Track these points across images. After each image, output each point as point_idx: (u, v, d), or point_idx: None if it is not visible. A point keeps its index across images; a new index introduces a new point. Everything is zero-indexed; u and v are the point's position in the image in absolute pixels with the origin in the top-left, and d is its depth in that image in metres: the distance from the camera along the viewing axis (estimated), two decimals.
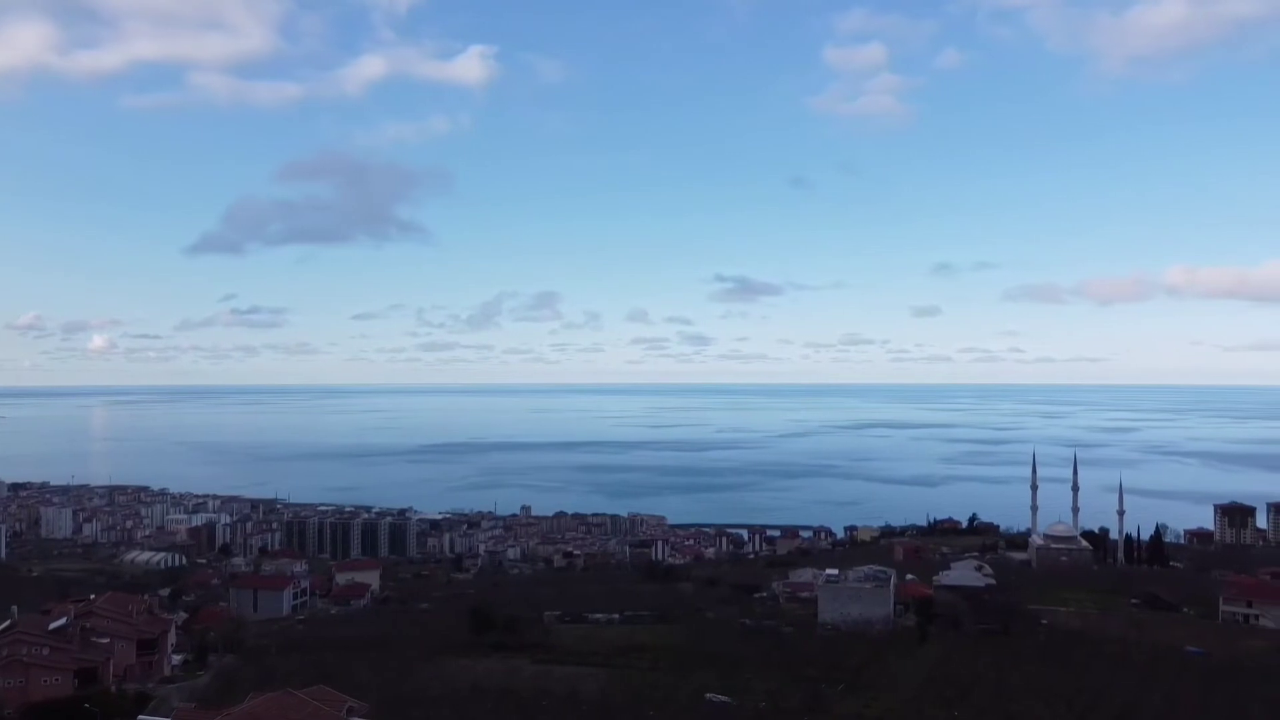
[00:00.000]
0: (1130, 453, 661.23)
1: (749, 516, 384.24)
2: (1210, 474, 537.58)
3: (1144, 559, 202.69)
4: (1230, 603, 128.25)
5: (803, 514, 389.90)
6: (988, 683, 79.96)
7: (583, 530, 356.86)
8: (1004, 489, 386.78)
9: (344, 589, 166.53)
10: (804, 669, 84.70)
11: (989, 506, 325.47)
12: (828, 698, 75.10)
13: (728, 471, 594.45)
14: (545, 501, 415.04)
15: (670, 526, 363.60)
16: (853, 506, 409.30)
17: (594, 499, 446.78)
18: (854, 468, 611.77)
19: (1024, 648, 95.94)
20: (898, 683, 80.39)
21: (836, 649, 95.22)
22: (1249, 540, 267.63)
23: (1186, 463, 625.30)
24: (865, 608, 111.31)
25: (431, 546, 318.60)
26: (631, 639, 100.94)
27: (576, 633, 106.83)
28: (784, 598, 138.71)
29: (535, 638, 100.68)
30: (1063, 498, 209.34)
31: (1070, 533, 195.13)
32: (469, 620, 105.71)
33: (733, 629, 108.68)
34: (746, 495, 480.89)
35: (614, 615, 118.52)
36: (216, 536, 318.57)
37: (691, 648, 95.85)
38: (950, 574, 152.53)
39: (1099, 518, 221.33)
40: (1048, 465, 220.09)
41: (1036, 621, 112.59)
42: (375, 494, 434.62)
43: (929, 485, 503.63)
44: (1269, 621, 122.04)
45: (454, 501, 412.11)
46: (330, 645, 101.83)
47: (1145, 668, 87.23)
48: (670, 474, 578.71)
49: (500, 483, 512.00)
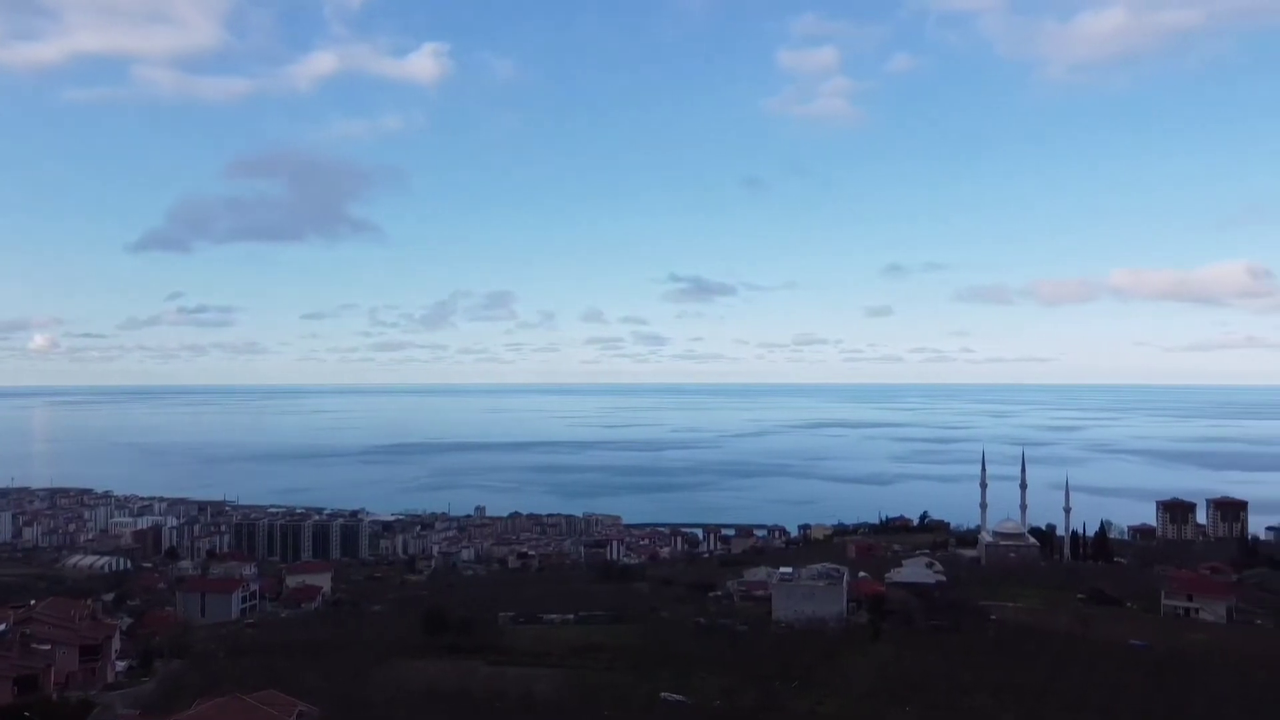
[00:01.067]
0: (1076, 451, 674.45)
1: (704, 516, 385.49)
2: (1152, 471, 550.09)
3: (1089, 555, 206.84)
4: (1171, 597, 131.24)
5: (757, 513, 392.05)
6: (939, 678, 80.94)
7: (538, 531, 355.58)
8: (954, 487, 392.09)
9: (295, 592, 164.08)
10: (758, 667, 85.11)
11: (940, 504, 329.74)
12: (782, 696, 75.53)
13: (683, 471, 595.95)
14: (500, 502, 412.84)
15: (625, 526, 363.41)
16: (807, 505, 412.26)
17: (549, 499, 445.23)
18: (808, 467, 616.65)
19: (974, 643, 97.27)
20: (851, 680, 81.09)
21: (790, 647, 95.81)
22: (1189, 536, 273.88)
23: (1130, 460, 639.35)
24: (819, 606, 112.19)
25: (384, 548, 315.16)
26: (587, 639, 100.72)
27: (531, 634, 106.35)
28: (739, 596, 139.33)
29: (490, 639, 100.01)
30: (1011, 495, 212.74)
31: (1018, 530, 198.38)
32: (422, 622, 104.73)
33: (688, 628, 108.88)
34: (702, 495, 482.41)
35: (569, 616, 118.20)
36: (163, 539, 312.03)
37: (647, 647, 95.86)
38: (902, 571, 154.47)
39: (1046, 515, 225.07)
40: (997, 463, 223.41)
41: (986, 617, 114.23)
42: (327, 495, 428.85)
43: (881, 484, 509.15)
44: (1208, 615, 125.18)
45: (407, 503, 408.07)
46: (280, 649, 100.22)
47: (1091, 661, 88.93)
48: (626, 474, 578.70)
49: (454, 483, 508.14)
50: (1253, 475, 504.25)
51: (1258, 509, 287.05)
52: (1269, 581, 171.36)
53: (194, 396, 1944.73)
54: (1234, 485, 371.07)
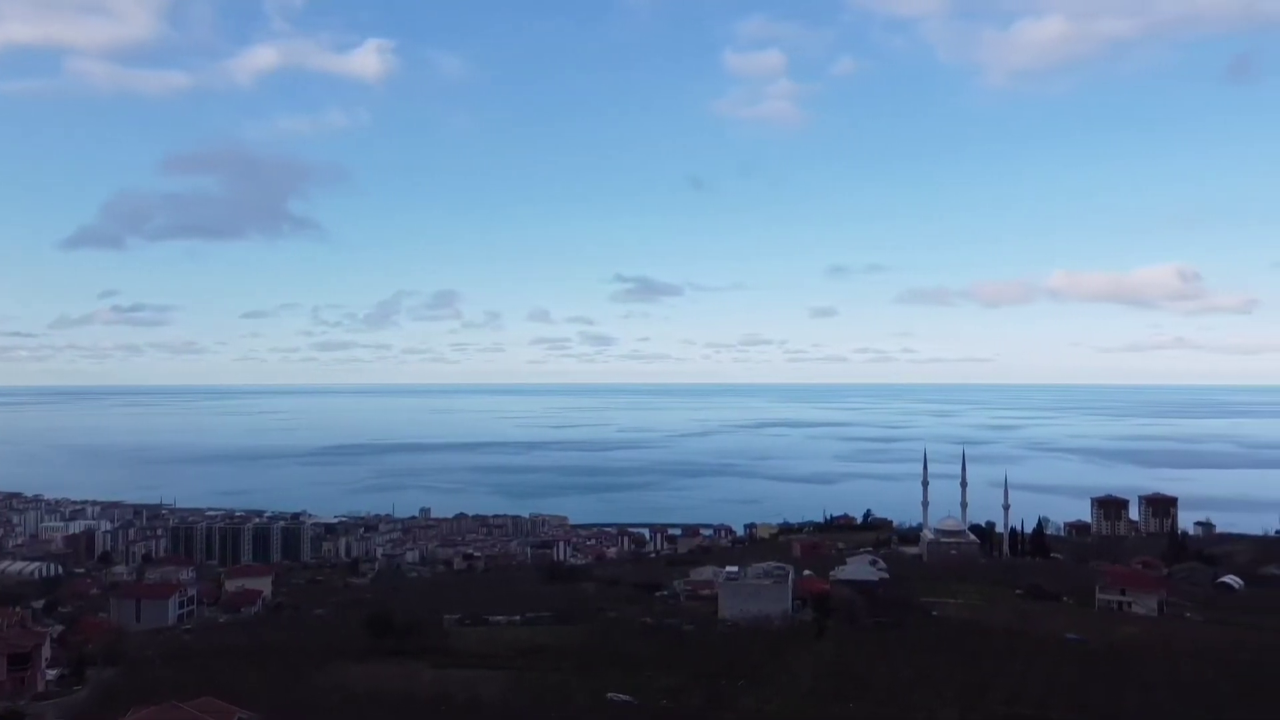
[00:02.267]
0: (1015, 449, 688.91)
1: (651, 516, 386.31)
2: (1088, 469, 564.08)
3: (1027, 551, 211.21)
4: (1105, 591, 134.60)
5: (704, 512, 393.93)
6: (882, 674, 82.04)
7: (483, 532, 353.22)
8: (897, 485, 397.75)
9: (234, 596, 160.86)
10: (705, 666, 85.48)
11: (883, 503, 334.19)
12: (728, 694, 75.94)
13: (630, 471, 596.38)
14: (445, 503, 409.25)
15: (572, 527, 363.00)
16: (752, 504, 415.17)
17: (495, 500, 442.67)
18: (753, 466, 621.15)
19: (917, 639, 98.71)
20: (796, 677, 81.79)
21: (737, 645, 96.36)
22: (1123, 531, 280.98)
23: (1066, 458, 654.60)
24: (764, 604, 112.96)
25: (327, 551, 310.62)
26: (533, 640, 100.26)
27: (477, 635, 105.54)
28: (685, 596, 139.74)
29: (434, 642, 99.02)
30: (952, 493, 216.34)
31: (959, 527, 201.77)
32: (366, 625, 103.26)
33: (634, 628, 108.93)
34: (648, 495, 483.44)
35: (515, 617, 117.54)
36: (96, 544, 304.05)
37: (593, 648, 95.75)
38: (846, 569, 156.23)
39: (986, 512, 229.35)
40: (938, 462, 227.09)
41: (928, 613, 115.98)
42: (267, 497, 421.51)
43: (826, 483, 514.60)
44: (1140, 608, 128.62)
45: (350, 504, 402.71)
46: (219, 654, 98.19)
47: (1030, 655, 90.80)
48: (572, 474, 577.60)
49: (399, 485, 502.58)
50: (1183, 472, 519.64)
51: (1187, 505, 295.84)
52: (1197, 575, 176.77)
53: (129, 397, 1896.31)
54: (1165, 482, 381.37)
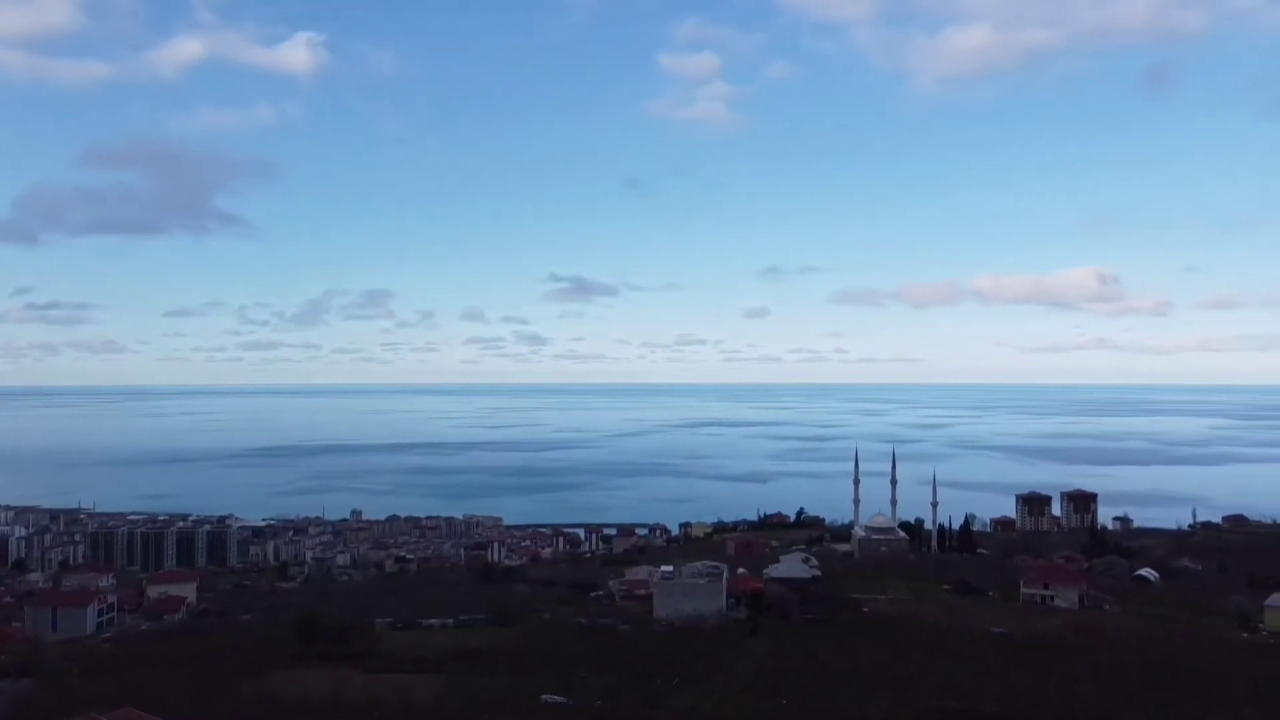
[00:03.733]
0: (943, 448, 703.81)
1: (586, 516, 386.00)
2: (1012, 466, 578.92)
3: (955, 547, 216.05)
4: (1029, 585, 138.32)
5: (639, 512, 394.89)
6: (815, 670, 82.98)
7: (416, 534, 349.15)
8: (829, 484, 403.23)
9: (157, 603, 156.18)
10: (640, 666, 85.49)
11: (815, 501, 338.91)
12: (663, 694, 76.09)
13: (565, 471, 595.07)
14: (377, 505, 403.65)
15: (507, 528, 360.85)
16: (687, 503, 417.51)
17: (428, 501, 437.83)
18: (688, 465, 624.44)
19: (848, 635, 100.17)
20: (730, 675, 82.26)
21: (672, 645, 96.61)
22: (1046, 527, 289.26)
23: (992, 456, 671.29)
24: (699, 603, 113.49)
25: (254, 555, 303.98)
26: (466, 643, 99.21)
27: (409, 639, 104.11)
28: (620, 596, 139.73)
29: (366, 646, 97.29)
30: (883, 491, 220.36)
31: (889, 524, 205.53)
32: (294, 630, 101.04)
33: (569, 629, 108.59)
34: (584, 495, 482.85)
35: (448, 620, 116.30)
36: (9, 551, 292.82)
37: (527, 649, 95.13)
38: (779, 567, 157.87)
39: (916, 509, 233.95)
40: (869, 460, 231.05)
41: (859, 610, 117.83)
42: (192, 501, 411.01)
43: (759, 481, 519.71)
44: (1062, 601, 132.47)
45: (279, 507, 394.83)
46: (141, 664, 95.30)
47: (957, 649, 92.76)
48: (507, 475, 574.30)
49: (329, 487, 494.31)
50: (1102, 469, 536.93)
51: (1106, 500, 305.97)
52: (1116, 569, 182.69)
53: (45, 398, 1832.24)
54: (1085, 479, 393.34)
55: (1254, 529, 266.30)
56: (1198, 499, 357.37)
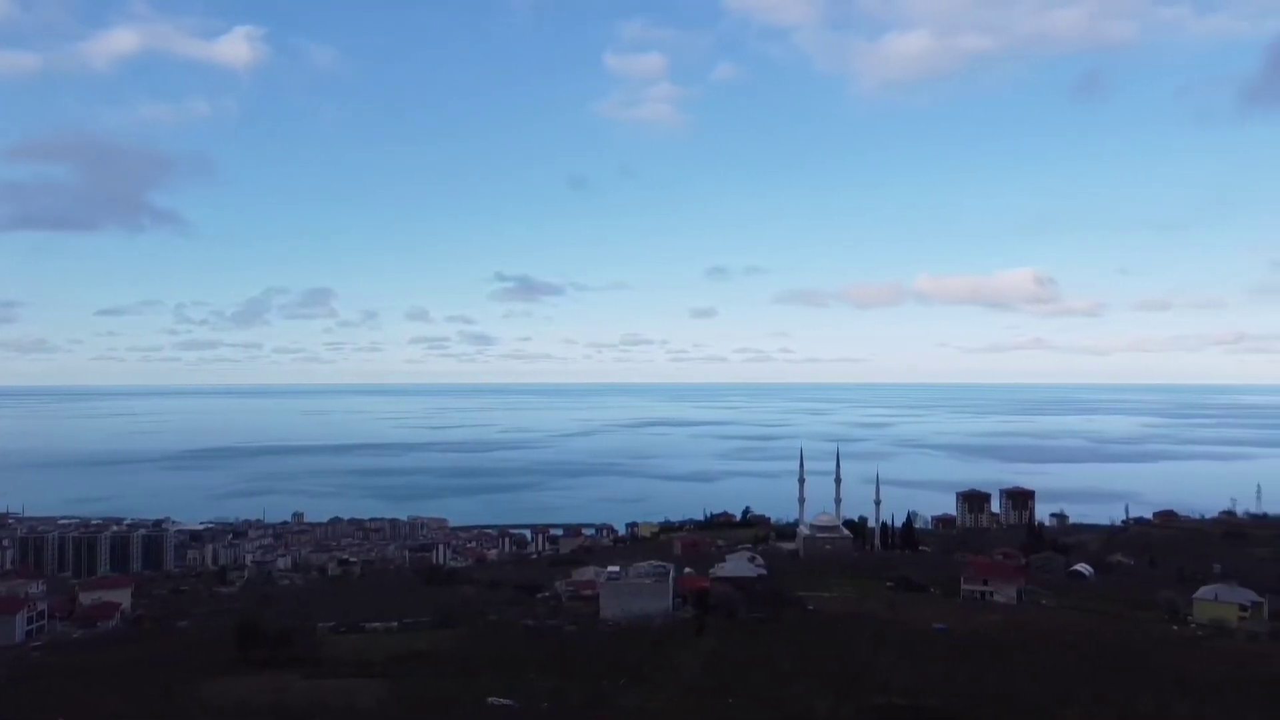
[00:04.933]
0: (886, 446, 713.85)
1: (533, 516, 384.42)
2: (953, 464, 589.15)
3: (898, 544, 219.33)
4: (969, 582, 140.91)
5: (586, 512, 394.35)
6: (760, 668, 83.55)
7: (360, 536, 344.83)
8: (775, 483, 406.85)
9: (90, 610, 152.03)
10: (587, 667, 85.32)
11: (761, 500, 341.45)
12: (610, 694, 76.02)
13: (511, 472, 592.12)
14: (319, 507, 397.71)
15: (452, 529, 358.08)
16: (634, 503, 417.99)
17: (371, 503, 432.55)
18: (635, 465, 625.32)
19: (793, 632, 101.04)
20: (677, 674, 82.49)
21: (618, 645, 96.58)
22: (986, 524, 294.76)
23: (934, 454, 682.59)
24: (646, 603, 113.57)
25: (192, 559, 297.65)
26: (411, 646, 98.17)
27: (353, 643, 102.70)
28: (567, 596, 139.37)
29: (308, 651, 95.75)
30: (827, 490, 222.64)
31: (834, 522, 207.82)
32: (234, 636, 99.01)
33: (515, 631, 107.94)
34: (530, 495, 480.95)
35: (392, 623, 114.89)
36: None
37: (473, 652, 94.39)
38: (725, 566, 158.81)
39: (859, 507, 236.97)
40: (814, 459, 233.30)
41: (804, 607, 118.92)
42: (127, 504, 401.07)
43: (706, 481, 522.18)
44: (1001, 597, 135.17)
45: (218, 510, 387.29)
46: (73, 673, 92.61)
47: (900, 645, 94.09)
48: (452, 475, 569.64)
49: (270, 489, 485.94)
50: (1040, 467, 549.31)
51: (1044, 498, 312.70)
52: (1052, 564, 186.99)
53: None
54: (1023, 476, 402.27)
55: (1183, 524, 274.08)
56: (1130, 495, 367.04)
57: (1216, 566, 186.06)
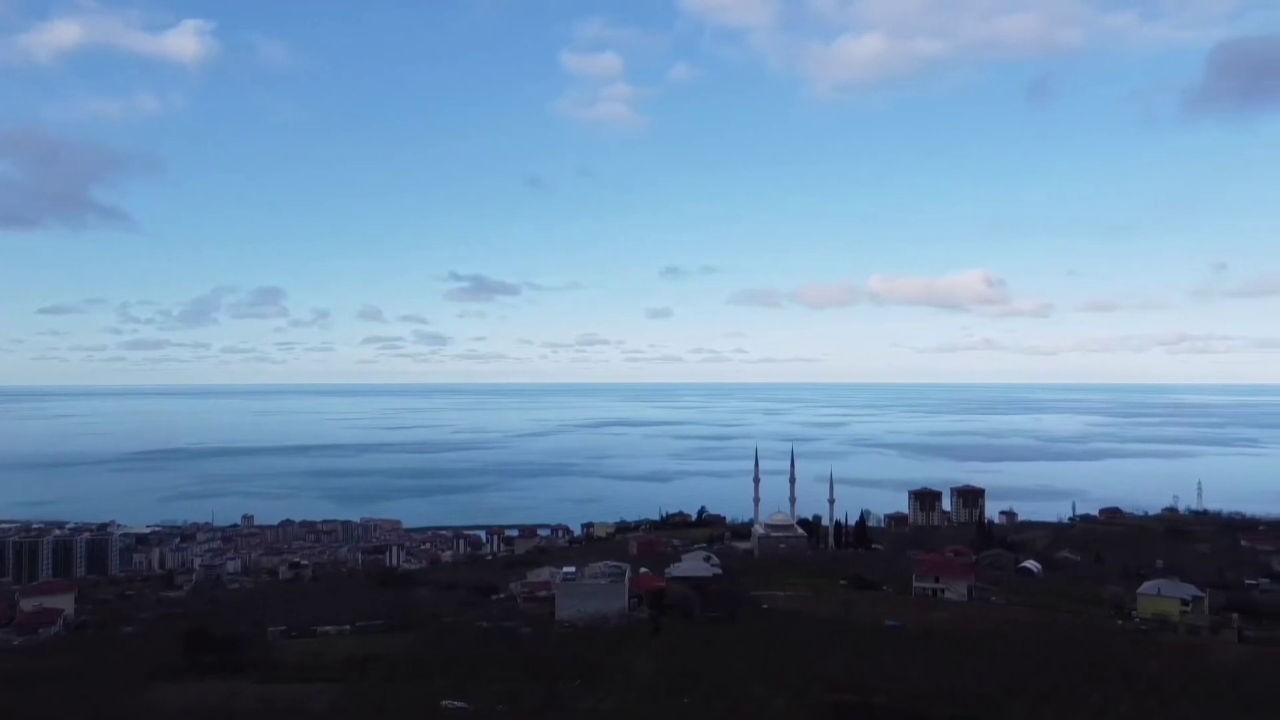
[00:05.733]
0: (840, 446, 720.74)
1: (487, 517, 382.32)
2: (905, 463, 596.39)
3: (851, 543, 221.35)
4: (921, 579, 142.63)
5: (541, 513, 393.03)
6: (716, 667, 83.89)
7: (312, 538, 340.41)
8: (730, 482, 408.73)
9: (30, 616, 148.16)
10: (542, 668, 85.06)
11: (716, 499, 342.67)
12: (565, 695, 75.85)
13: (466, 472, 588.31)
14: (270, 510, 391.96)
15: (406, 531, 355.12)
16: (590, 504, 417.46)
17: (324, 505, 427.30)
18: (591, 465, 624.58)
19: (748, 631, 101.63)
20: (632, 675, 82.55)
21: (574, 646, 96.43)
22: (937, 522, 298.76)
23: (886, 453, 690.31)
24: (601, 603, 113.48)
25: (138, 563, 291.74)
26: (364, 650, 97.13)
27: (304, 647, 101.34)
28: (522, 598, 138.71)
29: (258, 656, 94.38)
30: (782, 489, 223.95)
31: (788, 522, 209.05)
32: (181, 641, 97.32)
33: (470, 632, 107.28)
34: (485, 496, 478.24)
35: (345, 626, 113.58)
36: None
37: (427, 655, 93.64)
38: (681, 565, 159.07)
39: (814, 506, 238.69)
40: (769, 459, 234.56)
41: (759, 606, 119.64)
42: (71, 508, 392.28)
43: (662, 481, 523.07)
44: (952, 594, 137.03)
45: (165, 513, 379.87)
46: (12, 680, 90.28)
47: (853, 642, 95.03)
48: (406, 476, 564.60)
49: (219, 491, 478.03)
50: (990, 465, 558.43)
51: (993, 495, 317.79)
52: (1002, 561, 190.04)
53: None
54: (974, 474, 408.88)
55: (1127, 521, 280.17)
56: (1077, 493, 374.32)
57: (1159, 562, 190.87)
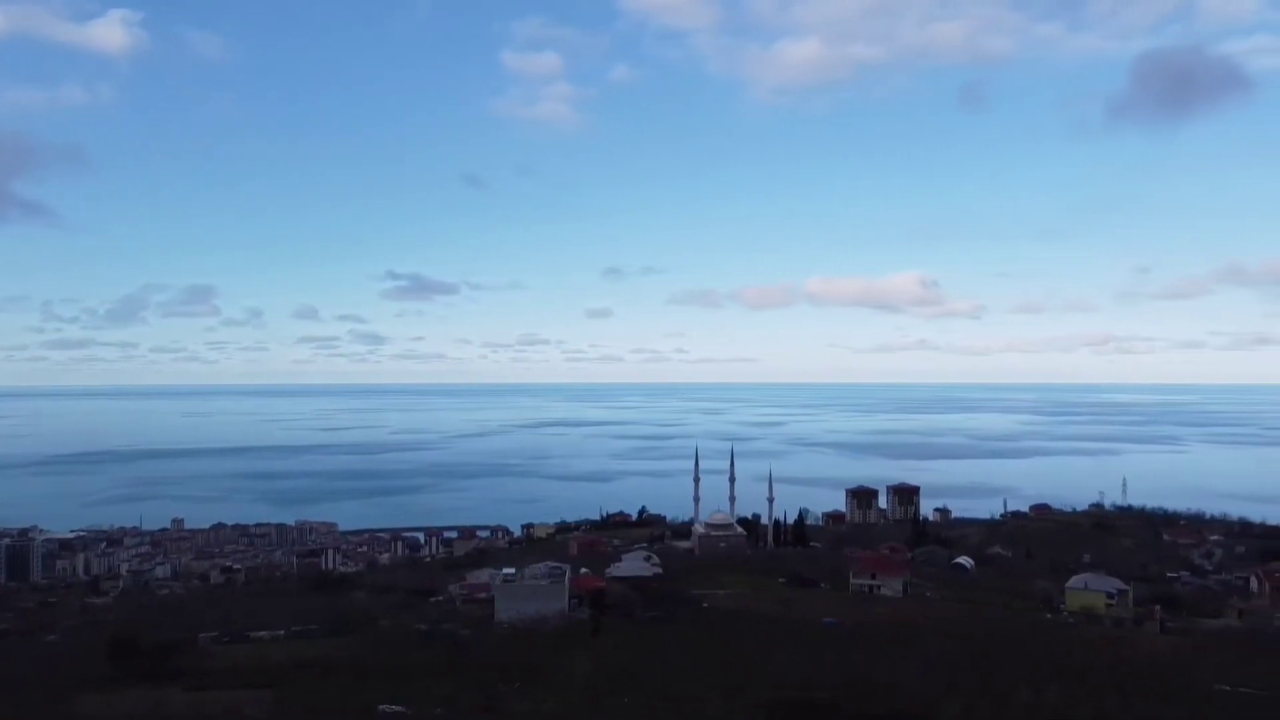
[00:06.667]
0: (779, 445, 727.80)
1: (426, 519, 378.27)
2: (843, 461, 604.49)
3: (790, 541, 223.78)
4: (858, 576, 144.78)
5: (480, 514, 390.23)
6: (656, 667, 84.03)
7: (244, 542, 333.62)
8: (670, 482, 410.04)
9: None
10: (481, 671, 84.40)
11: (657, 499, 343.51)
12: (504, 697, 75.37)
13: (404, 474, 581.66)
14: (201, 513, 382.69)
15: (342, 533, 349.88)
16: (530, 504, 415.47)
17: (258, 508, 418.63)
18: (531, 466, 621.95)
19: (688, 631, 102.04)
20: (572, 676, 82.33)
21: (513, 647, 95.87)
22: (873, 519, 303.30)
23: (824, 452, 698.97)
24: (541, 604, 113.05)
25: (62, 569, 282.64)
26: (299, 655, 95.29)
27: (237, 654, 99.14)
28: (461, 600, 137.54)
29: (189, 662, 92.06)
30: (721, 488, 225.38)
31: (728, 520, 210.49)
32: (108, 649, 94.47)
33: (408, 636, 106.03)
34: (423, 497, 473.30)
35: (279, 631, 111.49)
36: None
37: (364, 659, 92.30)
38: (621, 565, 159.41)
39: (753, 505, 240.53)
40: (709, 458, 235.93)
41: (699, 605, 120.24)
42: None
43: (602, 480, 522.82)
44: (888, 590, 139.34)
45: (91, 517, 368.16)
46: None
47: (792, 640, 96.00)
48: (342, 478, 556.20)
49: (148, 494, 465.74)
50: (924, 463, 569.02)
51: (928, 493, 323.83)
52: (936, 557, 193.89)
53: None
54: (909, 473, 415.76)
55: (1056, 517, 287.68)
56: (1008, 490, 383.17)
57: (1086, 557, 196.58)
